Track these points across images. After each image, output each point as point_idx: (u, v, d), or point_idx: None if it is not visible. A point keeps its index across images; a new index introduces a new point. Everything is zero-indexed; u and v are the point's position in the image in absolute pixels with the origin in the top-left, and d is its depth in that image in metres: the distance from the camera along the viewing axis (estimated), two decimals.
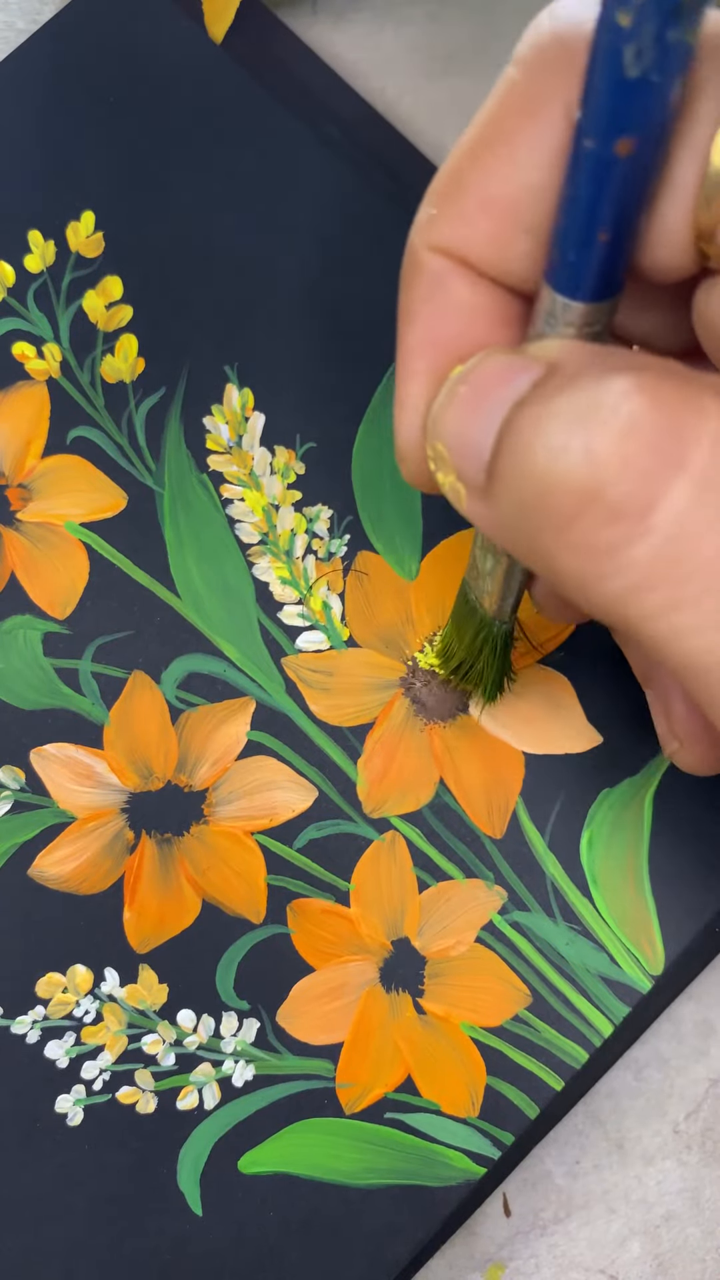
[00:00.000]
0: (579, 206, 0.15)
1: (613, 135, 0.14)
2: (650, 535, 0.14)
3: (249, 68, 0.30)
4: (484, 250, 0.17)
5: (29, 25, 0.32)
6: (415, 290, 0.18)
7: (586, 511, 0.14)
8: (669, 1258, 0.28)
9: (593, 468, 0.14)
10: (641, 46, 0.13)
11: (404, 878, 0.27)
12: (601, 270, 0.16)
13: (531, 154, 0.16)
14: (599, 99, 0.14)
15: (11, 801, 0.27)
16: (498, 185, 0.16)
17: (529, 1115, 0.26)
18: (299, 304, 0.29)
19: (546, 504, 0.14)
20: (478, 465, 0.15)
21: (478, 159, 0.16)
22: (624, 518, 0.14)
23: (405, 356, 0.18)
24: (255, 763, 0.27)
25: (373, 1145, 0.26)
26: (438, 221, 0.17)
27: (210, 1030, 0.27)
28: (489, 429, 0.15)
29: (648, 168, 0.15)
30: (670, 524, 0.14)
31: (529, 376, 0.15)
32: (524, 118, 0.16)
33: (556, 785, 0.27)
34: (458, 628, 0.25)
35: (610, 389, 0.14)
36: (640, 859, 0.27)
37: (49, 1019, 0.27)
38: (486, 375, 0.16)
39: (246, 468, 0.29)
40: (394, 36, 0.32)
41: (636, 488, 0.14)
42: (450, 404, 0.16)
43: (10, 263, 0.30)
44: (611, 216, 0.15)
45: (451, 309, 0.17)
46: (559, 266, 0.16)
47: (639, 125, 0.14)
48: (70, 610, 0.28)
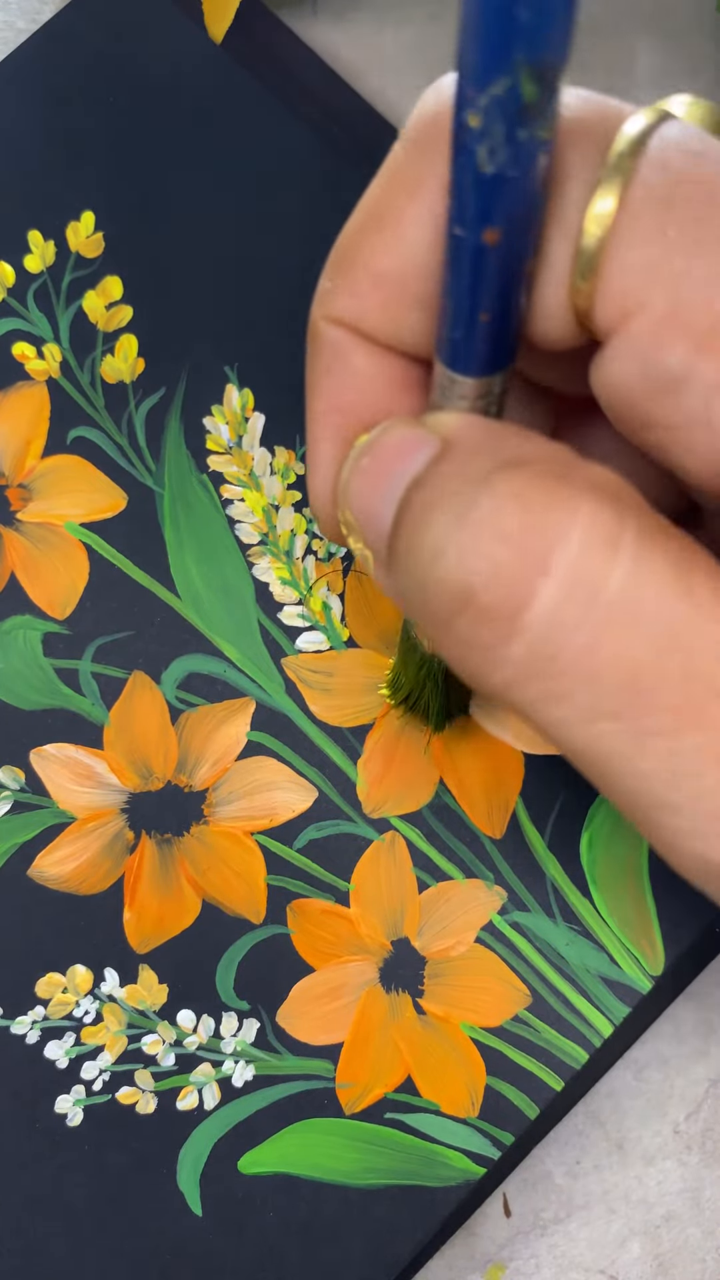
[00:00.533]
0: (458, 290, 0.15)
1: (479, 225, 0.14)
2: (522, 634, 0.14)
3: (249, 68, 0.30)
4: (377, 322, 0.17)
5: (29, 25, 0.32)
6: (318, 361, 0.18)
7: (461, 612, 0.15)
8: (669, 1258, 0.28)
9: (464, 573, 0.14)
10: (493, 145, 0.13)
11: (404, 878, 0.27)
12: (487, 348, 0.16)
13: (415, 231, 0.16)
14: (461, 193, 0.14)
15: (11, 802, 0.27)
16: (385, 261, 0.17)
17: (529, 1115, 0.26)
18: (299, 304, 0.29)
19: (428, 599, 0.15)
20: (380, 538, 0.16)
21: (366, 235, 0.17)
22: (495, 619, 0.14)
23: (312, 424, 0.19)
24: (255, 763, 0.27)
25: (373, 1145, 0.26)
26: (331, 295, 0.18)
27: (210, 1030, 0.27)
28: (389, 503, 0.16)
29: (520, 251, 0.15)
30: (539, 624, 0.14)
31: (426, 453, 0.16)
32: (407, 196, 0.17)
33: (556, 785, 0.27)
34: (403, 662, 0.25)
35: (486, 491, 0.14)
36: (640, 859, 0.27)
37: (49, 1019, 0.27)
38: (386, 449, 0.16)
39: (246, 468, 0.29)
40: (394, 36, 0.32)
41: (504, 593, 0.14)
42: (355, 475, 0.17)
43: (10, 263, 0.30)
44: (490, 299, 0.15)
45: (351, 378, 0.18)
46: (445, 344, 0.16)
47: (502, 216, 0.14)
48: (70, 610, 0.28)
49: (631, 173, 0.15)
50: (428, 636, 0.16)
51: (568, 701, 0.14)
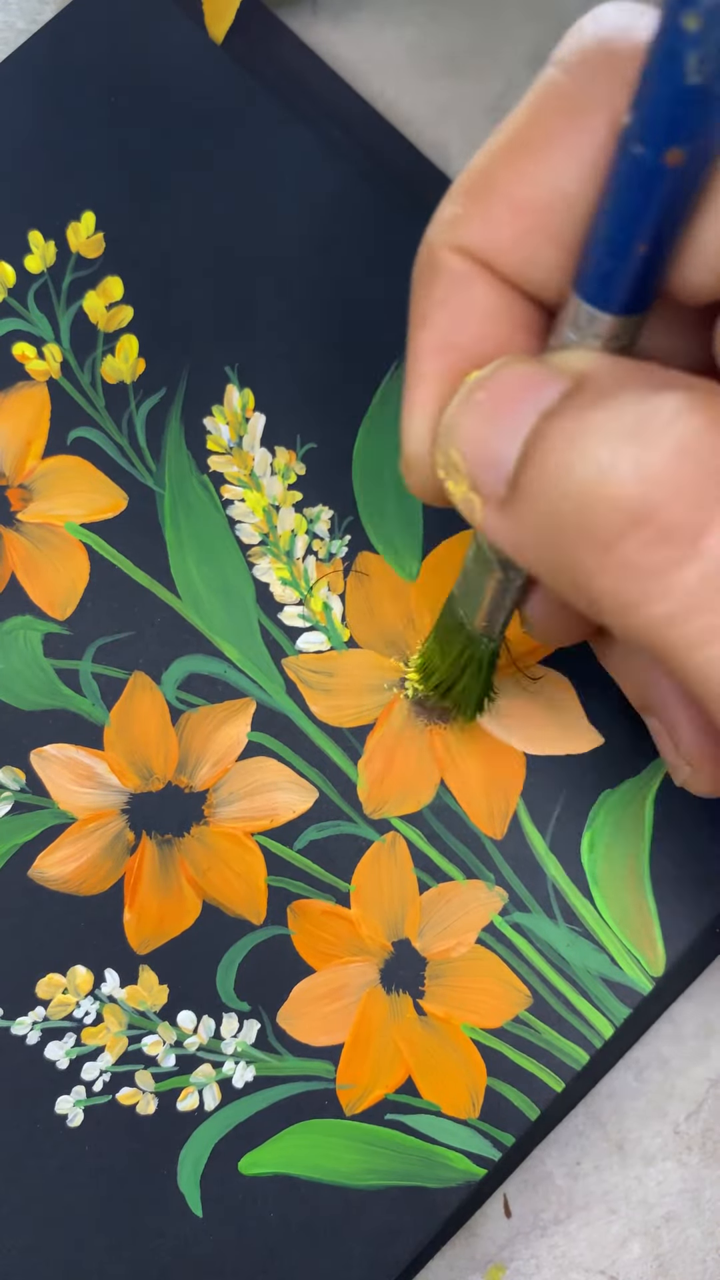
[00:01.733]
0: (620, 215, 0.15)
1: (665, 144, 0.14)
2: (700, 559, 0.13)
3: (249, 68, 0.30)
4: (509, 255, 0.16)
5: (29, 25, 0.32)
6: (432, 290, 0.17)
7: (635, 531, 0.13)
8: (669, 1258, 0.28)
9: (644, 486, 0.13)
10: (706, 53, 0.13)
11: (404, 879, 0.27)
12: (636, 283, 0.15)
13: (569, 160, 0.15)
14: (654, 105, 0.14)
15: (12, 802, 0.27)
16: (531, 189, 0.16)
17: (529, 1116, 0.26)
18: (299, 304, 0.29)
19: (588, 521, 0.14)
20: (498, 477, 0.15)
21: (512, 160, 0.16)
22: (674, 540, 0.13)
23: (416, 359, 0.17)
24: (256, 764, 0.27)
25: (373, 1146, 0.26)
26: (462, 221, 0.16)
27: (210, 1031, 0.27)
28: (512, 440, 0.15)
29: (695, 180, 0.14)
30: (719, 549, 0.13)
31: (556, 388, 0.14)
32: (565, 122, 0.15)
33: (557, 786, 0.27)
34: (441, 644, 0.24)
35: (662, 406, 0.13)
36: (641, 860, 0.27)
37: (49, 1020, 0.27)
38: (509, 383, 0.15)
39: (247, 468, 0.29)
40: (394, 37, 0.32)
41: (690, 510, 0.13)
42: (468, 410, 0.15)
43: (10, 263, 0.29)
44: (653, 228, 0.15)
45: (470, 312, 0.17)
46: (591, 276, 0.16)
47: (693, 136, 0.14)
48: (70, 611, 0.28)
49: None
50: (563, 573, 0.14)
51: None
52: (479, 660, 0.24)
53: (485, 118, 0.32)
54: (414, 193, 0.30)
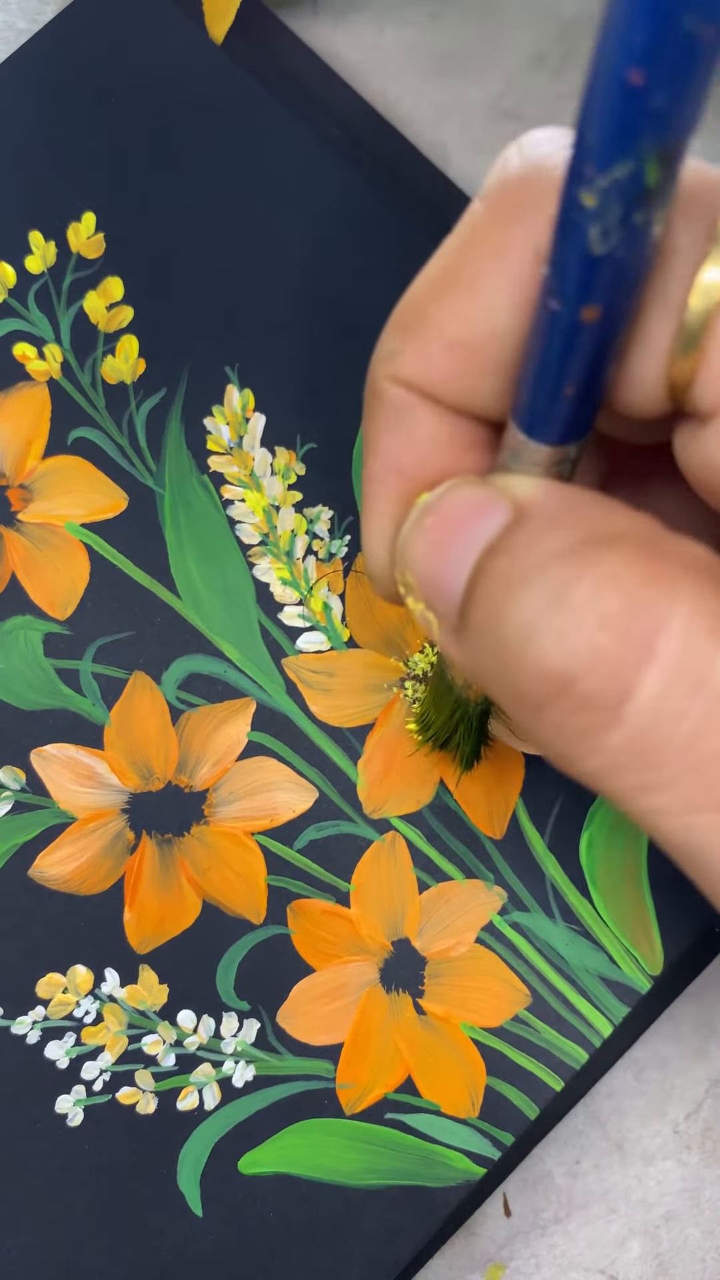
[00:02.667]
0: (545, 362, 0.15)
1: (579, 303, 0.14)
2: (623, 725, 0.14)
3: (249, 68, 0.30)
4: (447, 387, 0.17)
5: (30, 25, 0.32)
6: (377, 421, 0.18)
7: (557, 699, 0.14)
8: (669, 1258, 0.28)
9: (564, 658, 0.14)
10: (607, 227, 0.13)
11: (404, 878, 0.27)
12: (569, 418, 0.16)
13: (496, 295, 0.16)
14: (564, 269, 0.14)
15: (12, 802, 0.27)
16: (462, 327, 0.16)
17: (529, 1116, 0.26)
18: (299, 304, 0.29)
19: (518, 682, 0.14)
20: (449, 604, 0.15)
21: (441, 298, 0.16)
22: (595, 708, 0.14)
23: (369, 483, 0.18)
24: (256, 763, 0.27)
25: (373, 1146, 0.26)
26: (399, 356, 0.17)
27: (210, 1031, 0.27)
28: (460, 570, 0.15)
29: (616, 329, 0.15)
30: (642, 714, 0.14)
31: (498, 517, 0.15)
32: (490, 260, 0.16)
33: (556, 786, 0.27)
34: (435, 703, 0.25)
35: (583, 573, 0.14)
36: (639, 860, 0.27)
37: (49, 1019, 0.27)
38: (454, 510, 0.15)
39: (247, 469, 0.29)
40: (394, 37, 0.32)
41: (607, 681, 0.14)
42: (418, 536, 0.16)
43: (11, 264, 0.30)
44: (578, 373, 0.15)
45: (414, 439, 0.17)
46: (526, 411, 0.16)
47: (606, 294, 0.14)
48: (71, 611, 0.28)
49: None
50: (509, 712, 0.15)
51: (666, 792, 0.14)
52: (470, 719, 0.24)
53: (485, 118, 0.32)
54: (413, 193, 0.30)
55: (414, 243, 0.29)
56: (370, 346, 0.29)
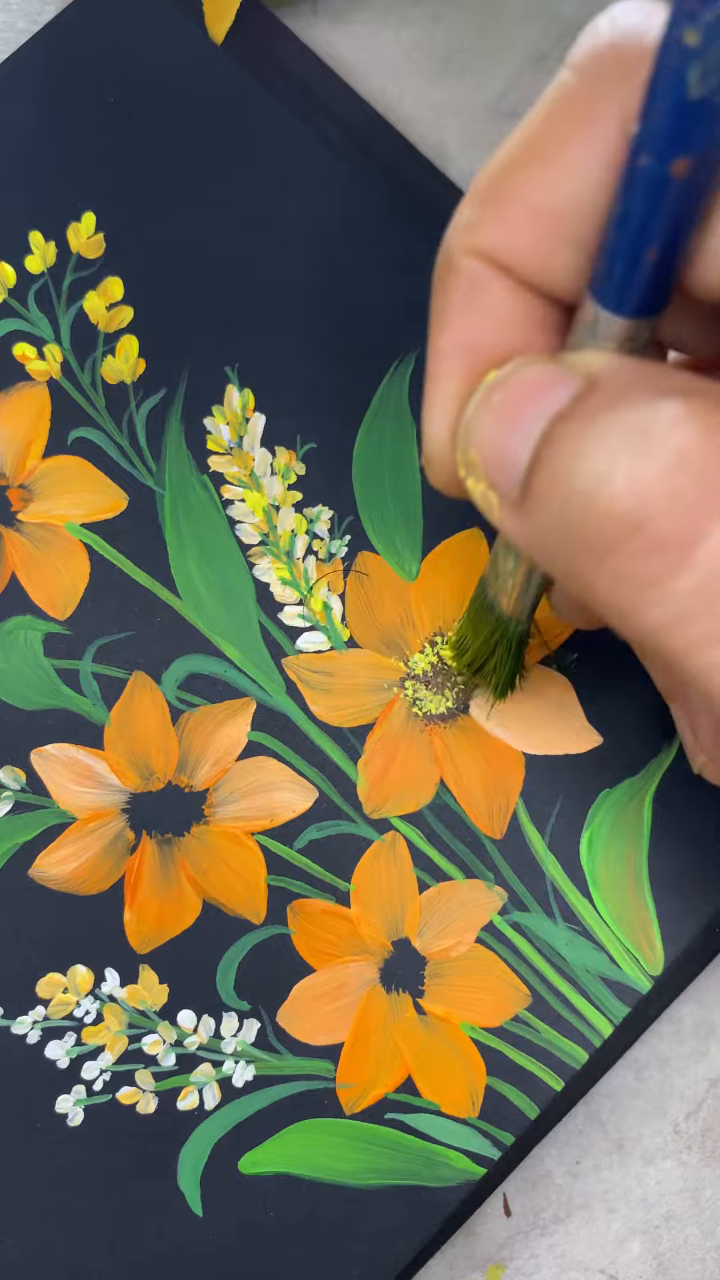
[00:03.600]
0: (629, 223, 0.15)
1: (670, 155, 0.14)
2: (694, 569, 0.13)
3: (249, 68, 0.30)
4: (526, 258, 0.17)
5: (29, 25, 0.32)
6: (451, 294, 0.17)
7: (629, 541, 0.14)
8: (669, 1258, 0.28)
9: (638, 498, 0.13)
10: (708, 67, 0.13)
11: (404, 878, 0.27)
12: (648, 288, 0.16)
13: (583, 165, 0.16)
14: (658, 118, 0.14)
15: (12, 802, 0.27)
16: (546, 194, 0.16)
17: (529, 1115, 0.26)
18: (299, 304, 0.29)
19: (587, 528, 0.14)
20: (513, 477, 0.15)
21: (526, 165, 0.16)
22: (668, 550, 0.13)
23: (437, 359, 0.18)
24: (256, 763, 0.27)
25: (373, 1145, 0.26)
26: (479, 226, 0.17)
27: (210, 1031, 0.27)
28: (526, 441, 0.15)
29: (702, 189, 0.14)
30: (714, 558, 0.13)
31: (569, 389, 0.15)
32: (578, 127, 0.15)
33: (556, 786, 0.27)
34: (473, 624, 0.25)
35: (659, 414, 0.14)
36: (640, 859, 0.27)
37: (49, 1019, 0.27)
38: (524, 384, 0.15)
39: (247, 469, 0.29)
40: (394, 37, 0.32)
41: (682, 520, 0.13)
42: (485, 411, 0.16)
43: (11, 263, 0.30)
44: (662, 236, 0.15)
45: (488, 314, 0.17)
46: (604, 281, 0.16)
47: (698, 147, 0.14)
48: (71, 611, 0.28)
49: None
50: (569, 575, 0.15)
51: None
52: (509, 640, 0.24)
53: (485, 118, 0.32)
54: (413, 193, 0.30)
55: (414, 243, 0.29)
56: (371, 346, 0.29)
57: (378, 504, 0.28)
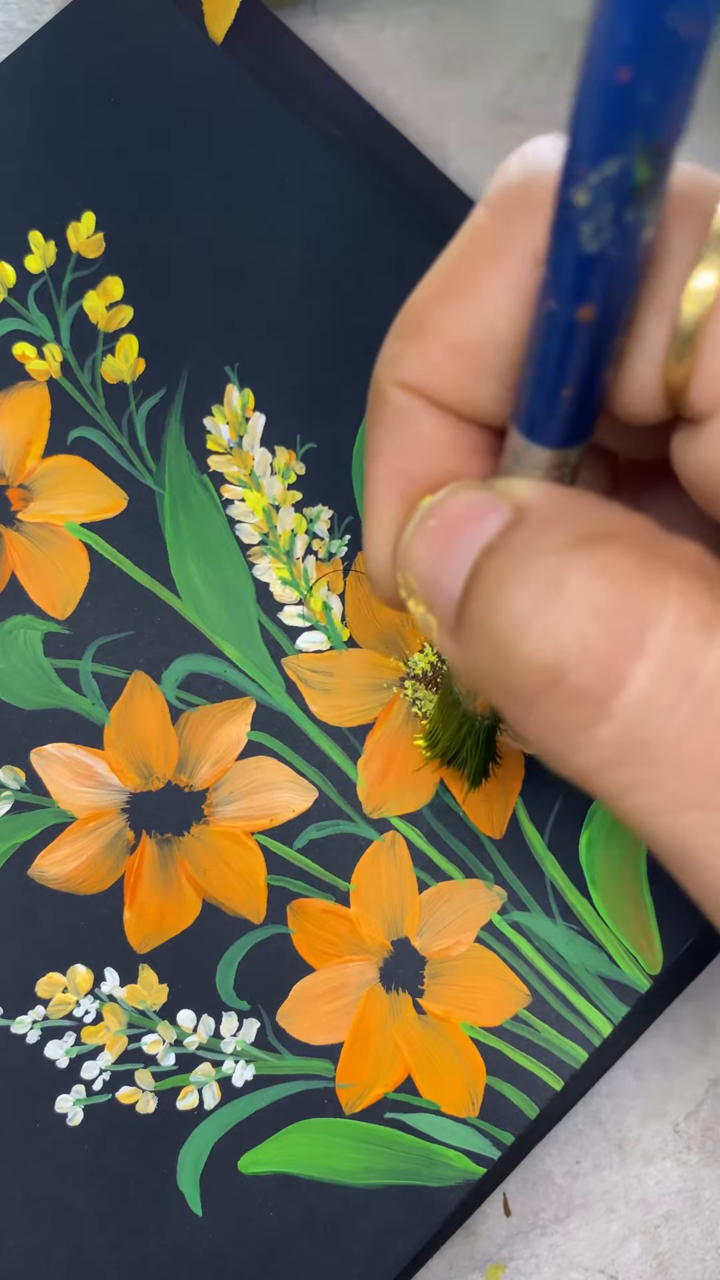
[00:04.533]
0: (543, 363, 0.15)
1: (573, 302, 0.14)
2: (613, 718, 0.14)
3: (249, 68, 0.30)
4: (449, 391, 0.17)
5: (29, 25, 0.32)
6: (381, 423, 0.18)
7: (548, 693, 0.14)
8: (669, 1257, 0.28)
9: (554, 652, 0.14)
10: (599, 225, 0.13)
11: (404, 878, 0.27)
12: (568, 421, 0.16)
13: (497, 301, 0.16)
14: (559, 269, 0.14)
15: (12, 801, 0.27)
16: (463, 331, 0.16)
17: (529, 1115, 0.26)
18: (299, 304, 0.29)
19: (510, 676, 0.14)
20: (447, 605, 0.16)
21: (443, 302, 0.17)
22: (586, 701, 0.14)
23: (373, 487, 0.18)
24: (255, 763, 0.27)
25: (373, 1145, 0.26)
26: (401, 360, 0.17)
27: (210, 1030, 0.27)
28: (458, 571, 0.15)
29: (611, 329, 0.15)
30: (631, 709, 0.14)
31: (497, 519, 0.15)
32: (490, 265, 0.16)
33: (556, 785, 0.27)
34: (443, 717, 0.25)
35: (576, 564, 0.14)
36: (639, 859, 0.27)
37: (49, 1019, 0.27)
38: (454, 512, 0.16)
39: (247, 468, 0.29)
40: (394, 37, 0.32)
41: (597, 674, 0.14)
42: (420, 538, 0.16)
43: (11, 263, 0.30)
44: (576, 374, 0.15)
45: (418, 442, 0.18)
46: (526, 414, 0.16)
47: (600, 294, 0.14)
48: (70, 610, 0.28)
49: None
50: (502, 710, 0.15)
51: (655, 789, 0.14)
52: (477, 733, 0.24)
53: (485, 117, 0.32)
54: (413, 193, 0.30)
55: (414, 243, 0.29)
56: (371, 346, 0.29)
57: None
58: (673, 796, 0.14)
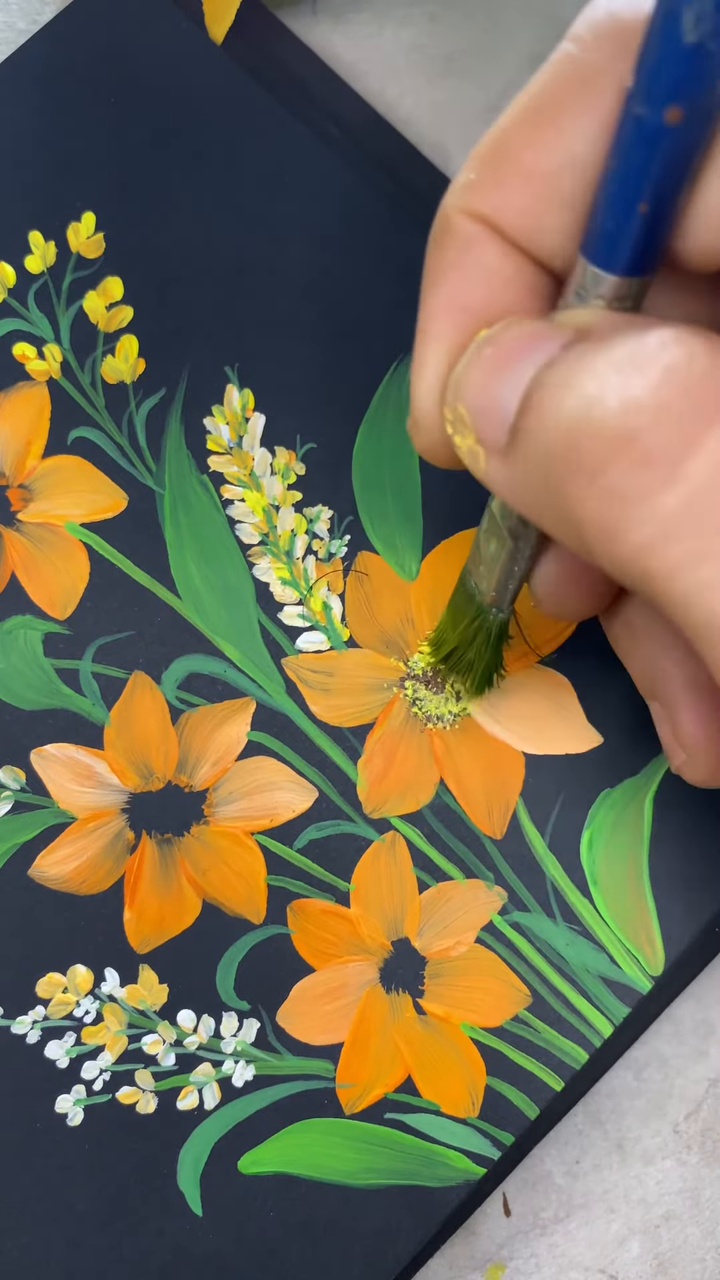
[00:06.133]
0: (622, 175, 0.15)
1: (664, 102, 0.14)
2: (681, 483, 0.13)
3: (249, 68, 0.30)
4: (520, 220, 0.17)
5: (29, 25, 0.32)
6: (444, 253, 0.17)
7: (619, 456, 0.14)
8: (669, 1258, 0.28)
9: (628, 413, 0.14)
10: (701, 12, 0.13)
11: (404, 878, 0.27)
12: (638, 243, 0.16)
13: (579, 128, 0.16)
14: (654, 65, 0.14)
15: (12, 802, 0.27)
16: (542, 156, 0.16)
17: (529, 1115, 0.26)
18: (299, 304, 0.29)
19: (577, 451, 0.14)
20: (501, 425, 0.15)
21: (524, 128, 0.16)
22: (657, 463, 0.13)
23: (428, 319, 0.18)
24: (255, 763, 0.27)
25: (373, 1145, 0.26)
26: (476, 187, 0.17)
27: (210, 1030, 0.27)
28: (515, 388, 0.15)
29: (694, 140, 0.15)
30: (702, 473, 0.13)
31: (558, 341, 0.15)
32: (575, 91, 0.16)
33: (556, 785, 0.27)
34: (453, 614, 0.25)
35: (648, 339, 0.14)
36: (640, 859, 0.27)
37: (49, 1019, 0.27)
38: (514, 338, 0.15)
39: (247, 468, 0.29)
40: (394, 37, 0.32)
41: (672, 434, 0.13)
42: (475, 365, 0.16)
43: (11, 263, 0.30)
44: (654, 187, 0.15)
45: (480, 274, 0.17)
46: (596, 237, 0.16)
47: (691, 93, 0.14)
48: (70, 610, 0.28)
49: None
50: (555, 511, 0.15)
51: (715, 561, 0.14)
52: (488, 630, 0.24)
53: (485, 118, 0.32)
54: (413, 193, 0.30)
55: (414, 243, 0.29)
56: (371, 346, 0.29)
57: (378, 504, 0.28)
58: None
